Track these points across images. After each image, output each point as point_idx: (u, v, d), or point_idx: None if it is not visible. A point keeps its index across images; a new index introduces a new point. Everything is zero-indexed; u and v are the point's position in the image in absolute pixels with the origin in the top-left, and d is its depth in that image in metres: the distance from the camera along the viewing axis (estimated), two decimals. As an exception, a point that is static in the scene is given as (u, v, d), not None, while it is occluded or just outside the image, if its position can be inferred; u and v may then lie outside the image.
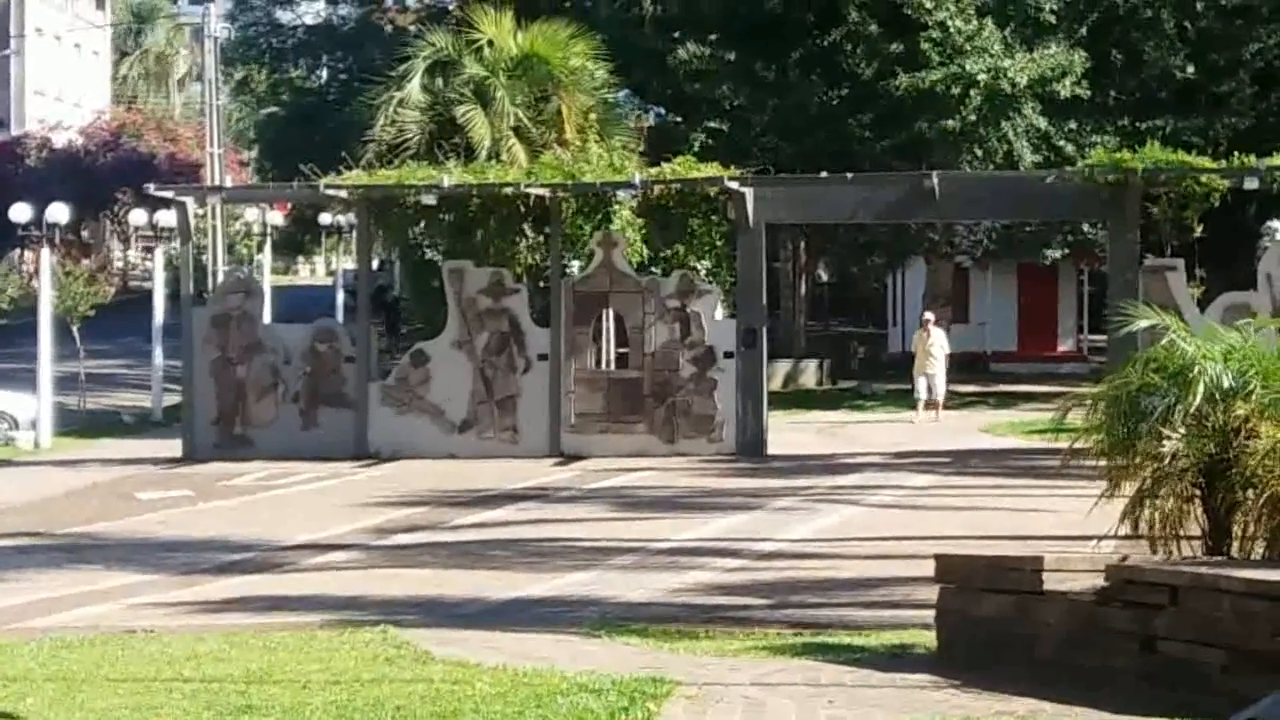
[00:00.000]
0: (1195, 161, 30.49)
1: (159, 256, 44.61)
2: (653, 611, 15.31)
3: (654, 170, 32.29)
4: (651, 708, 10.40)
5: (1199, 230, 30.49)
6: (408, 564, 19.09)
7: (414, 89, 36.36)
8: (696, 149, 37.38)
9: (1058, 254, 48.76)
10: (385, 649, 12.97)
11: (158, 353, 40.75)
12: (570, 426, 30.78)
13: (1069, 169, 33.28)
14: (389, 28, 56.81)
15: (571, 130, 35.91)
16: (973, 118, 40.04)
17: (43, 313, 36.60)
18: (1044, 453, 25.42)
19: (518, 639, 13.58)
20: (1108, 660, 10.74)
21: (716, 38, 44.18)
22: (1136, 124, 41.05)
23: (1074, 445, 12.63)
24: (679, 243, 32.08)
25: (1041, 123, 40.65)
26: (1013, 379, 46.19)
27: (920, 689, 10.92)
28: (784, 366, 45.75)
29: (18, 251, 64.40)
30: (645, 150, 37.98)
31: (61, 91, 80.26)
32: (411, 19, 54.73)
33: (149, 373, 42.00)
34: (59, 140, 72.78)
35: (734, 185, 30.78)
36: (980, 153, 40.37)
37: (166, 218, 40.48)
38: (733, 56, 44.11)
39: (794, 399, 41.68)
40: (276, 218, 56.35)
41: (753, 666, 11.99)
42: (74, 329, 40.28)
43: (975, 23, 40.22)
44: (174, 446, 32.22)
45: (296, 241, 72.45)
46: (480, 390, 30.96)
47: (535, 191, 31.52)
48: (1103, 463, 12.41)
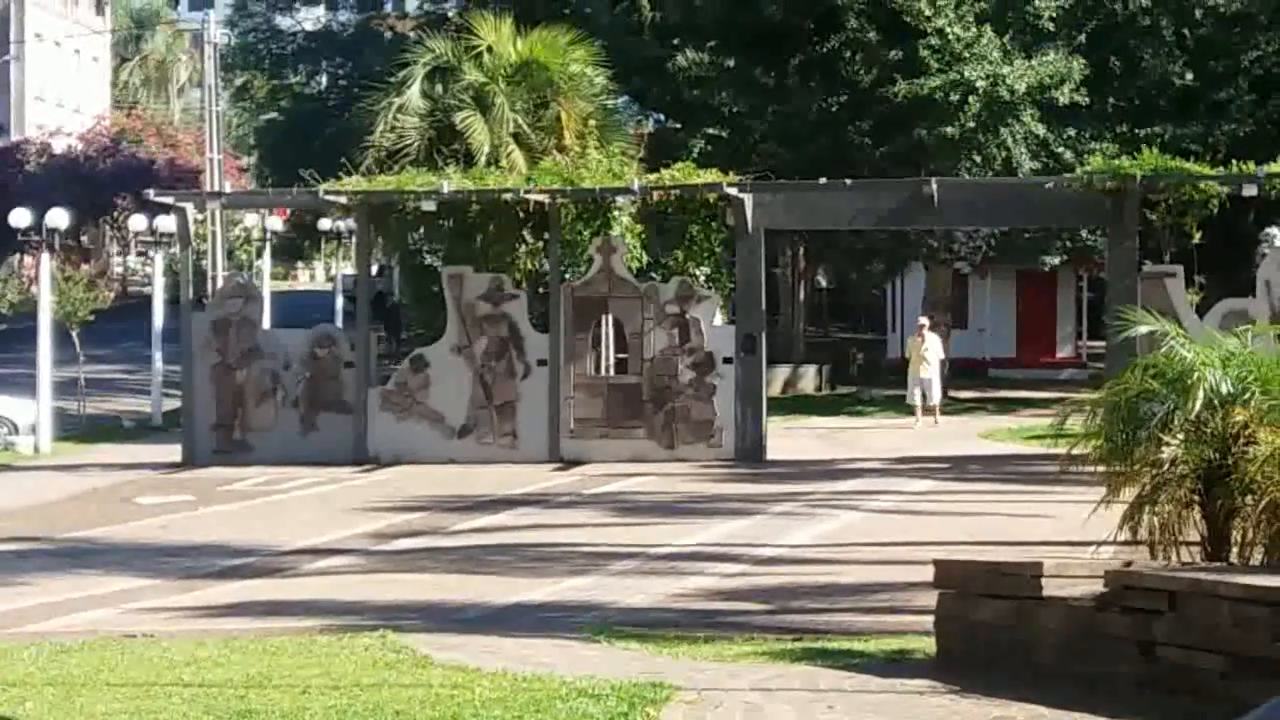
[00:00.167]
0: (1194, 168, 30.51)
1: (158, 262, 44.56)
2: (652, 617, 15.33)
3: (653, 176, 32.33)
4: (651, 713, 10.42)
5: (1198, 237, 30.52)
6: (407, 569, 19.10)
7: (413, 95, 36.36)
8: (696, 155, 37.45)
9: (1056, 260, 48.82)
10: (385, 654, 12.99)
11: (157, 358, 40.73)
12: (570, 432, 30.79)
13: (1068, 176, 33.25)
14: (388, 34, 56.94)
15: (571, 136, 35.92)
16: (971, 124, 40.04)
17: (42, 318, 36.57)
18: (1043, 458, 25.41)
19: (517, 644, 13.59)
20: (1107, 666, 10.75)
21: (716, 44, 44.21)
22: (1135, 131, 41.05)
23: (1073, 451, 12.65)
24: (678, 249, 32.04)
25: (1040, 129, 40.65)
26: (1011, 385, 46.15)
27: (919, 694, 10.94)
28: (783, 372, 45.74)
29: (17, 257, 64.43)
30: (644, 156, 38.04)
31: (61, 97, 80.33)
32: (411, 25, 54.83)
33: (148, 378, 41.97)
34: (59, 146, 72.79)
35: (733, 191, 30.80)
36: (979, 159, 40.37)
37: (166, 223, 40.46)
38: (732, 63, 44.13)
39: (793, 404, 41.69)
40: (276, 223, 56.31)
41: (752, 672, 12.00)
42: (74, 334, 40.24)
43: (974, 30, 40.23)
44: (173, 451, 32.22)
45: (296, 247, 72.58)
46: (480, 395, 30.97)
47: (534, 197, 31.53)
48: (1102, 469, 12.44)
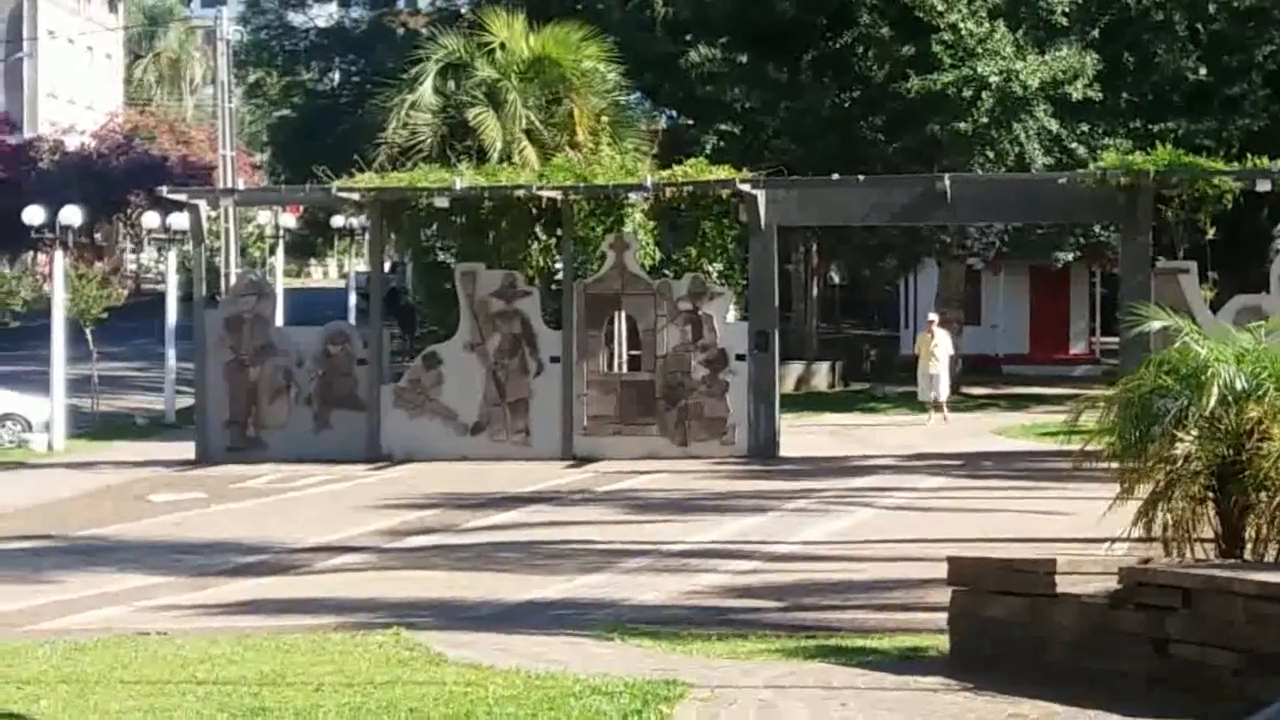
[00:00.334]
0: (1207, 164, 30.46)
1: (172, 259, 44.67)
2: (665, 614, 15.32)
3: (666, 173, 32.30)
4: (664, 710, 10.40)
5: (1211, 232, 30.47)
6: (420, 566, 19.10)
7: (426, 92, 36.35)
8: (708, 151, 37.38)
9: (1070, 256, 48.71)
10: (398, 651, 12.98)
11: (170, 355, 40.79)
12: (582, 429, 30.79)
13: (1081, 171, 33.24)
14: (401, 30, 56.85)
15: (583, 133, 35.91)
16: (984, 120, 39.99)
17: (56, 315, 36.63)
18: (1056, 455, 25.33)
19: (530, 641, 13.59)
20: (1120, 663, 10.73)
21: (728, 41, 44.16)
22: (1149, 126, 40.97)
23: (1086, 448, 12.62)
24: (691, 245, 32.03)
25: (1053, 125, 40.59)
26: (1024, 381, 46.14)
27: (933, 692, 10.92)
28: (796, 369, 45.75)
29: (31, 254, 64.60)
30: (657, 153, 38.00)
31: (74, 94, 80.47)
32: (423, 21, 54.75)
33: (162, 375, 42.03)
34: (72, 143, 72.93)
35: (746, 188, 30.79)
36: (992, 155, 40.32)
37: (179, 220, 40.51)
38: (744, 59, 44.08)
39: (806, 401, 41.68)
40: (289, 220, 56.35)
41: (765, 669, 11.98)
42: (87, 331, 40.32)
43: (987, 25, 40.17)
44: (187, 449, 32.26)
45: (309, 244, 72.54)
46: (492, 393, 30.97)
47: (547, 194, 31.54)
48: (1115, 465, 12.40)
